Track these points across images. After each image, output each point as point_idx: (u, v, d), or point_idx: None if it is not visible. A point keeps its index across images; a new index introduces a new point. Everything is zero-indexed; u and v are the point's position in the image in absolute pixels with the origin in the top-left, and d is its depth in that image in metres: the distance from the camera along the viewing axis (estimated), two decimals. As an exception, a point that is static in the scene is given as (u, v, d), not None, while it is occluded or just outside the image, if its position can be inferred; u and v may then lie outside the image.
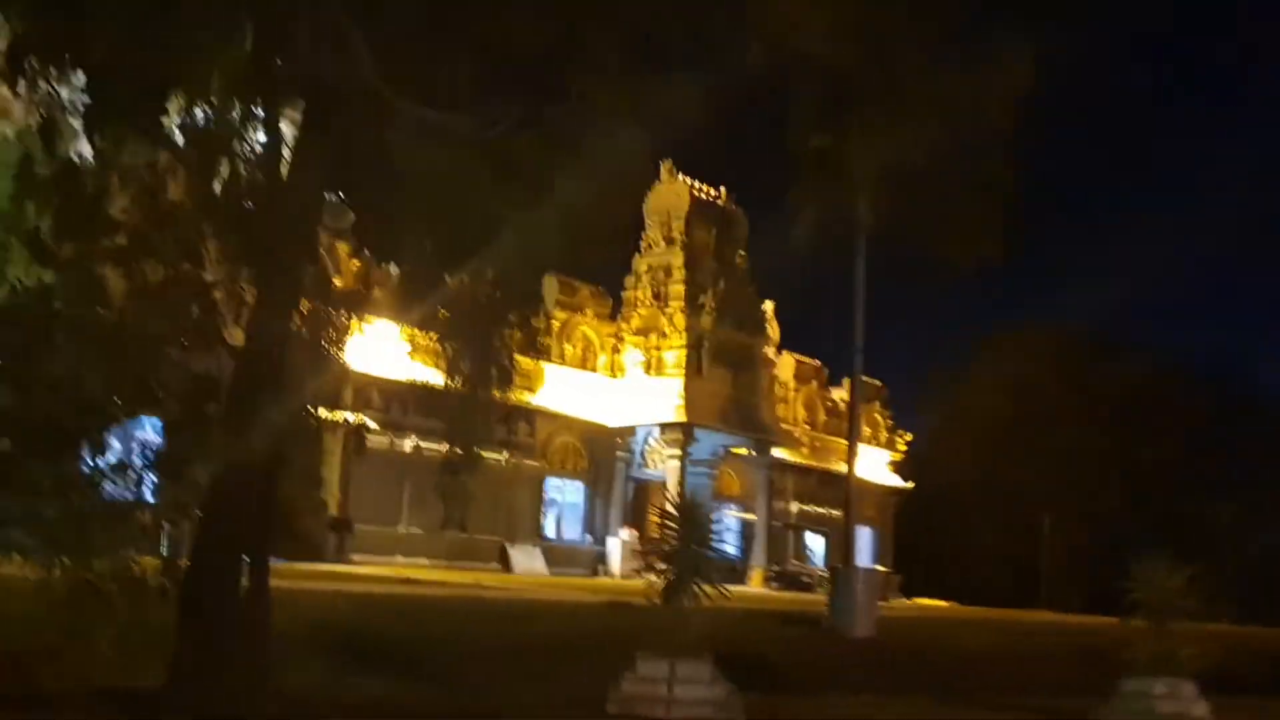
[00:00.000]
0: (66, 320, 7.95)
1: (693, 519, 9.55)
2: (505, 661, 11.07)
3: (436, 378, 29.69)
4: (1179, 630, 9.60)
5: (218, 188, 8.13)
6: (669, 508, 9.61)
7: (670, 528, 9.50)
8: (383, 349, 29.97)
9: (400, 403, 30.06)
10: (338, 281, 27.41)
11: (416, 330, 29.43)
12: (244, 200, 8.20)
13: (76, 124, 7.96)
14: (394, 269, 29.71)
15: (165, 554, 8.55)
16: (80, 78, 7.26)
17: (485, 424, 9.28)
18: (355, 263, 28.69)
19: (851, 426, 16.16)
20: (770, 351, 43.40)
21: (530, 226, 8.28)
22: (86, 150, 7.40)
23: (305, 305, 8.31)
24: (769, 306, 45.04)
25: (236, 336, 8.64)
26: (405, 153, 8.50)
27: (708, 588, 9.17)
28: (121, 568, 8.03)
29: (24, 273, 7.89)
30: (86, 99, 7.94)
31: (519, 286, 8.70)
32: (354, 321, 8.83)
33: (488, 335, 8.68)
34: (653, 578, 9.28)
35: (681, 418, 34.79)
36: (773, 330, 45.04)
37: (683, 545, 9.24)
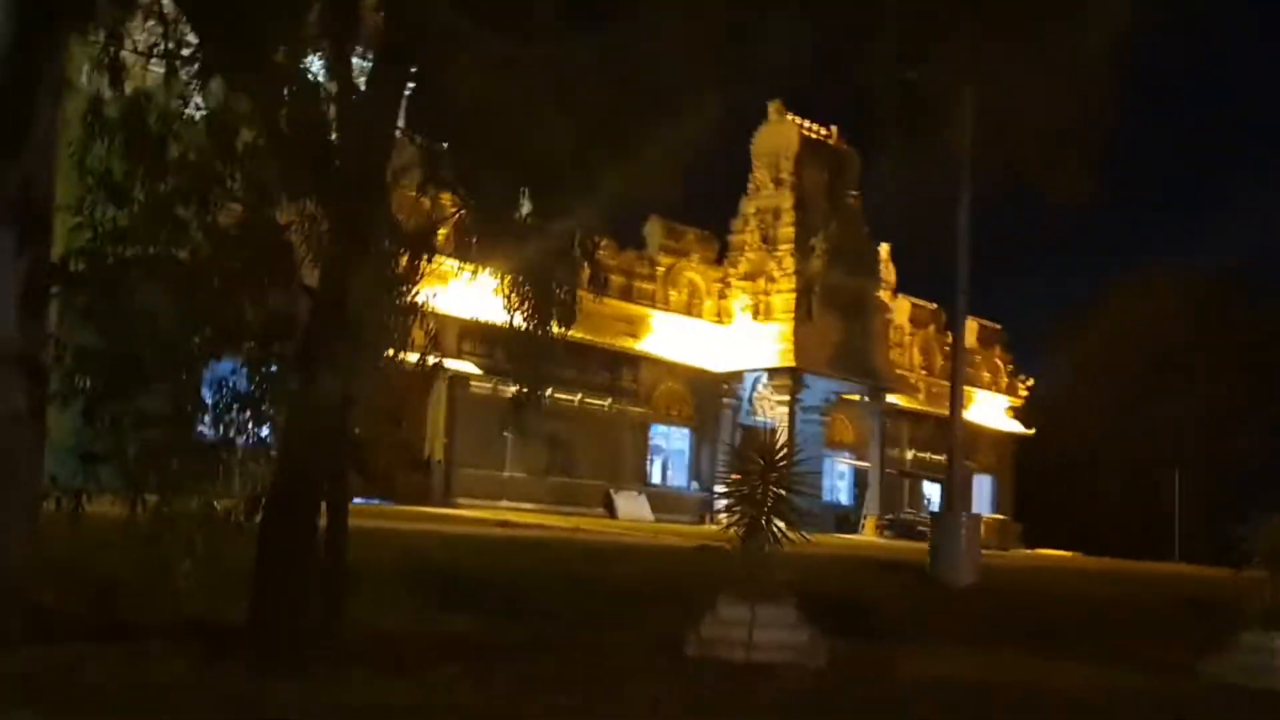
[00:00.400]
0: (144, 260, 8.06)
1: (771, 461, 9.34)
2: (591, 601, 11.07)
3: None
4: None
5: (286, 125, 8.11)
6: (744, 450, 9.40)
7: (749, 470, 9.31)
8: (485, 295, 30.27)
9: (504, 348, 30.26)
10: (442, 233, 27.73)
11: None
12: (316, 138, 8.18)
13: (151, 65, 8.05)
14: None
15: (248, 492, 8.68)
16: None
17: (547, 362, 9.08)
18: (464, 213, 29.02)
19: (954, 369, 15.68)
20: (886, 295, 42.64)
21: (601, 161, 8.10)
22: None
23: (378, 245, 8.26)
24: (885, 249, 44.23)
25: (313, 277, 8.66)
26: (478, 86, 8.38)
27: (788, 531, 8.97)
28: (203, 504, 8.20)
29: (101, 214, 8.02)
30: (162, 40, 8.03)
31: (584, 221, 8.49)
32: (424, 263, 8.70)
33: (549, 271, 8.51)
34: (724, 519, 9.12)
35: (790, 363, 34.41)
36: (888, 273, 44.23)
37: (761, 487, 9.04)
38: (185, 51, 8.17)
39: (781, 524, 8.93)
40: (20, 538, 7.85)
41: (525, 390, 9.18)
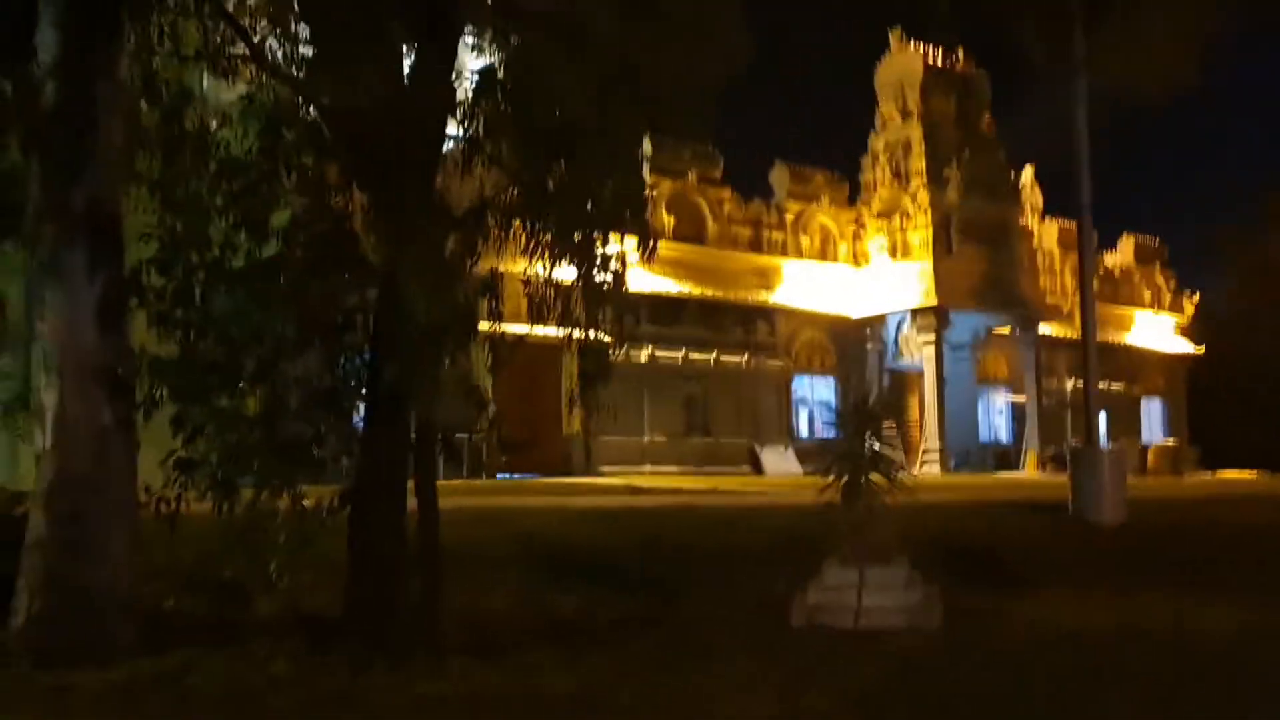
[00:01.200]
0: (211, 265, 8.14)
1: (861, 414, 8.91)
2: (705, 570, 10.85)
3: (669, 286, 29.60)
4: None
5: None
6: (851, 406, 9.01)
7: (843, 425, 8.92)
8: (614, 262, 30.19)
9: (634, 313, 30.16)
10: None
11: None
12: (363, 122, 8.07)
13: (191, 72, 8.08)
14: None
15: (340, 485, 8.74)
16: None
17: (595, 314, 8.83)
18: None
19: (1084, 288, 14.82)
20: (1032, 220, 41.03)
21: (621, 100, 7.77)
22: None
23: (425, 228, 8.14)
24: (1028, 172, 42.55)
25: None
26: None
27: (883, 483, 8.54)
28: (294, 500, 8.29)
29: (169, 222, 8.12)
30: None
31: (611, 163, 8.17)
32: (479, 241, 8.54)
33: (587, 218, 8.22)
34: (822, 479, 8.75)
35: (932, 301, 33.42)
36: (1034, 197, 42.55)
37: (853, 442, 8.64)
38: (232, 50, 8.19)
39: (879, 479, 8.52)
40: (121, 548, 8.00)
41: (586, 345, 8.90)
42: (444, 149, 8.27)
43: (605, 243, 8.11)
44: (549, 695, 6.91)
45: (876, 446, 8.64)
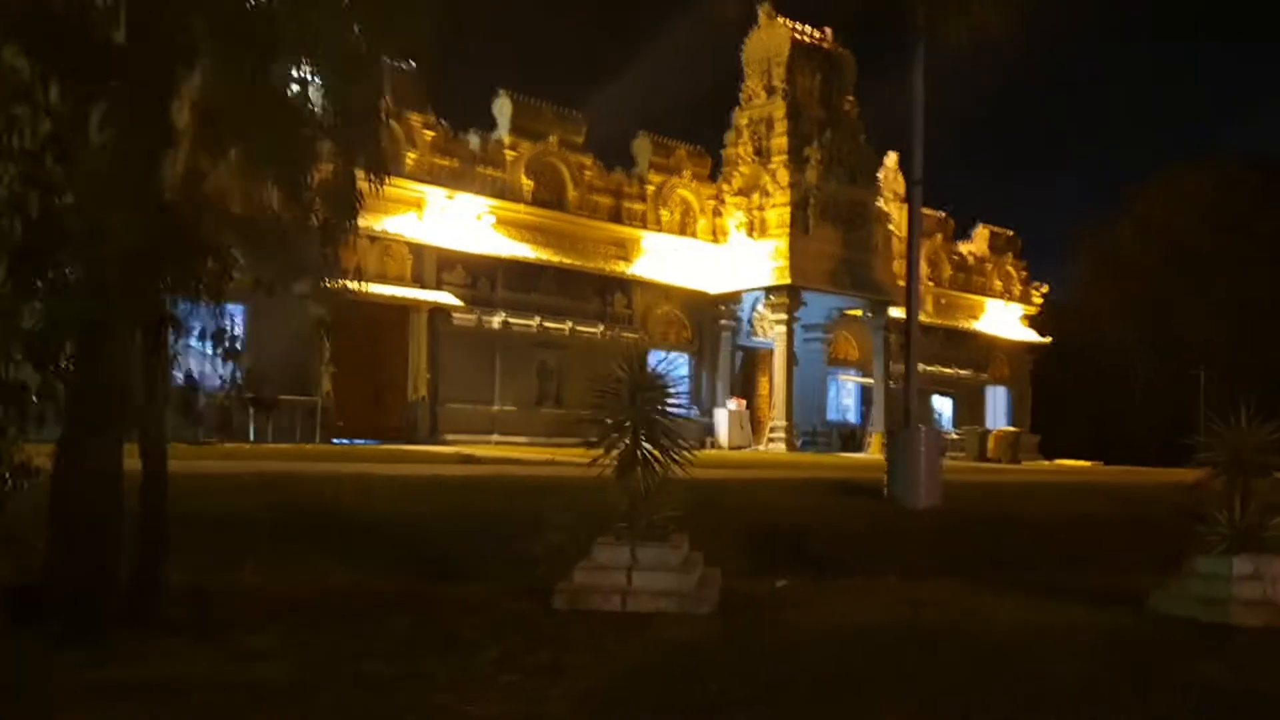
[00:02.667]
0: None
1: (642, 379, 8.14)
2: (488, 545, 10.01)
3: (525, 251, 28.47)
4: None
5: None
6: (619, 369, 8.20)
7: (615, 391, 8.12)
8: (466, 223, 29.06)
9: (488, 278, 29.14)
10: (411, 156, 26.22)
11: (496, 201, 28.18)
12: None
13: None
14: (471, 141, 28.23)
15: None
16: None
17: (304, 252, 7.83)
18: (429, 134, 27.61)
19: (910, 264, 14.33)
20: (893, 206, 41.03)
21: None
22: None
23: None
24: (891, 158, 42.52)
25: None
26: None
27: (663, 457, 7.80)
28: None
29: None
30: None
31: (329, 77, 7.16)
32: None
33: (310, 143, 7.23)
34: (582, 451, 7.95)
35: (786, 280, 33.00)
36: (896, 183, 42.51)
37: (631, 410, 7.87)
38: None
39: (656, 452, 7.77)
40: None
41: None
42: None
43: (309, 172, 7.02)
44: (254, 684, 5.95)
45: (659, 417, 7.87)
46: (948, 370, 41.44)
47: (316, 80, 6.83)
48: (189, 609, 7.44)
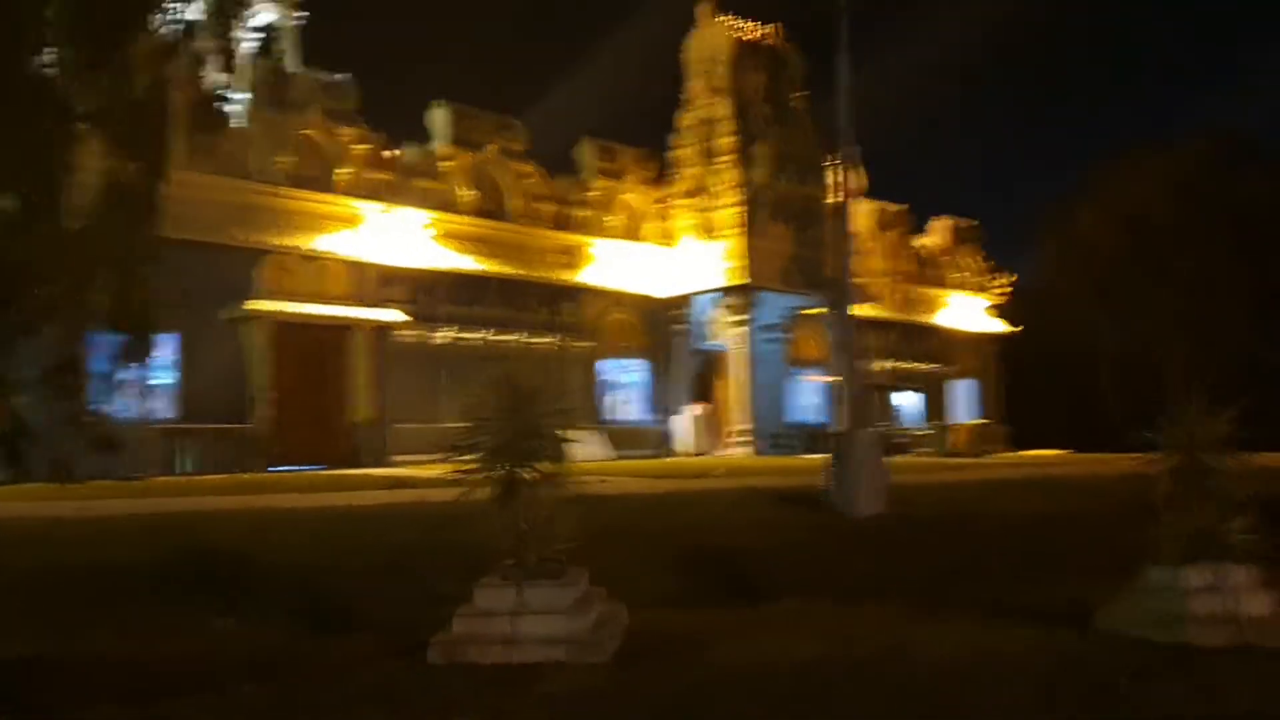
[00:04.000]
0: None
1: (518, 399, 7.26)
2: (391, 584, 9.12)
3: (469, 264, 27.50)
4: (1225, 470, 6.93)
5: None
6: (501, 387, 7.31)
7: (492, 412, 7.24)
8: (408, 238, 28.10)
9: (429, 293, 28.19)
10: (344, 171, 25.31)
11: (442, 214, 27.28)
12: None
13: None
14: (408, 153, 27.27)
15: None
16: None
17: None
18: (361, 148, 26.63)
19: (843, 247, 13.52)
20: (853, 201, 40.42)
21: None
22: None
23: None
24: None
25: None
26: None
27: (538, 479, 6.92)
28: None
29: None
30: None
31: None
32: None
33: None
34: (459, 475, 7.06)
35: (737, 281, 32.24)
36: (858, 178, 41.89)
37: (509, 432, 6.99)
38: None
39: (538, 477, 6.90)
40: None
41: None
42: None
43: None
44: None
45: (541, 439, 7.01)
46: (910, 365, 40.76)
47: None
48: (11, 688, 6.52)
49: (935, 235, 43.60)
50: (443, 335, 28.16)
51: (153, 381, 24.63)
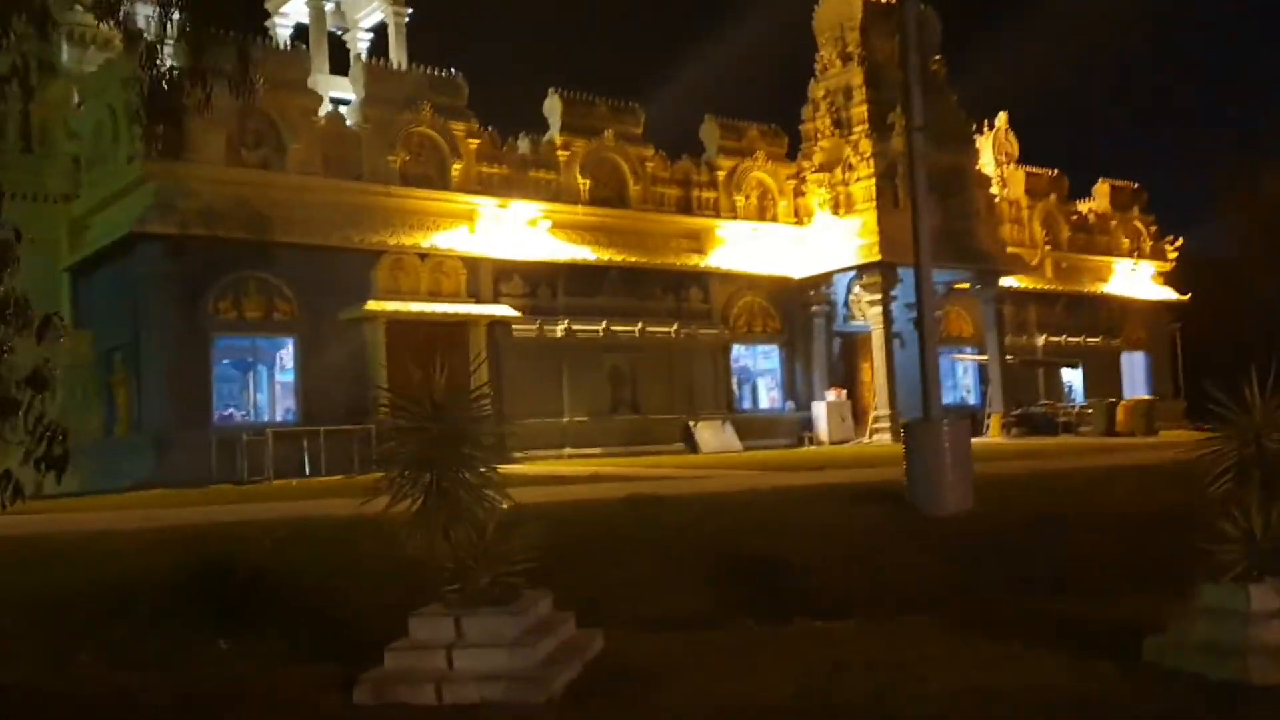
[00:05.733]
0: None
1: (451, 401, 6.46)
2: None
3: (587, 254, 26.94)
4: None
5: None
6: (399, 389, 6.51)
7: (410, 416, 6.45)
8: (523, 231, 27.75)
9: (547, 286, 27.76)
10: (457, 167, 25.02)
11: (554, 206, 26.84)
12: None
13: None
14: (521, 145, 26.83)
15: None
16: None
17: None
18: (474, 142, 26.32)
19: (916, 224, 12.29)
20: (1008, 168, 38.37)
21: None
22: None
23: None
24: (1002, 118, 39.87)
25: None
26: None
27: (473, 499, 6.12)
28: None
29: None
30: None
31: None
32: None
33: None
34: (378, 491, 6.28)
35: (874, 258, 30.73)
36: (1009, 144, 39.85)
37: (433, 439, 6.20)
38: None
39: (470, 494, 6.10)
40: None
41: None
42: None
43: None
44: None
45: (470, 448, 6.22)
46: (1074, 339, 38.35)
47: None
48: None
49: (1097, 200, 40.94)
50: (561, 328, 27.69)
51: (276, 383, 24.97)
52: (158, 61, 7.51)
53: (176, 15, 8.40)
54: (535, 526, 6.52)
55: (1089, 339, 38.74)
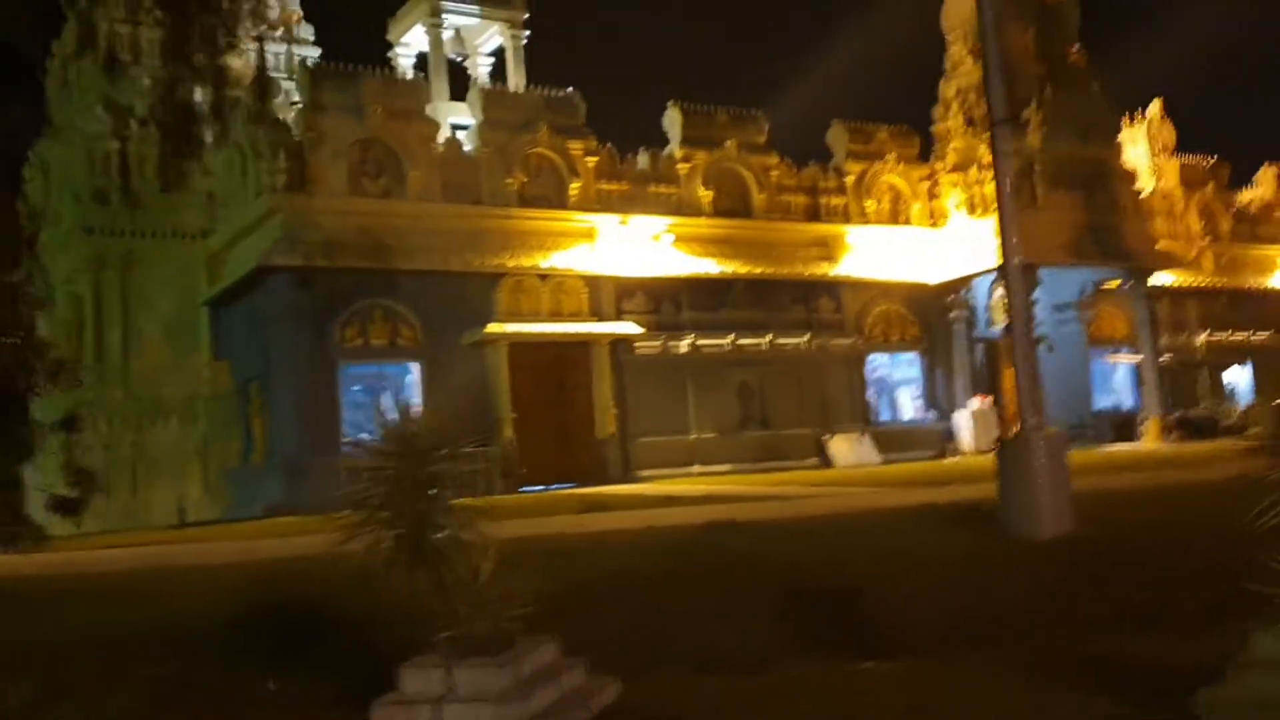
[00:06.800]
0: None
1: (417, 441, 6.02)
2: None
3: (711, 266, 26.44)
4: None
5: None
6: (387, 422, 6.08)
7: (384, 457, 6.04)
8: (645, 247, 27.45)
9: (670, 301, 27.38)
10: (575, 185, 24.94)
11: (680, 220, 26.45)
12: None
13: None
14: (640, 160, 26.64)
15: None
16: None
17: None
18: (591, 160, 26.20)
19: (1003, 219, 11.39)
20: (1161, 158, 36.38)
21: None
22: None
23: None
24: (1156, 106, 37.87)
25: None
26: None
27: (447, 540, 5.69)
28: None
29: None
30: None
31: None
32: None
33: None
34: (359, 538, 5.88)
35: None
36: (1164, 133, 37.80)
37: (401, 490, 5.79)
38: None
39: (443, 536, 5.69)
40: None
41: None
42: None
43: None
44: None
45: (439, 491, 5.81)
46: (1239, 336, 35.94)
47: None
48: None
49: (1261, 187, 38.36)
50: (686, 343, 27.25)
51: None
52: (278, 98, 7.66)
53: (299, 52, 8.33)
54: (535, 564, 6.10)
55: (1256, 336, 36.26)
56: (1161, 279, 33.25)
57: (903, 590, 8.84)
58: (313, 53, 28.42)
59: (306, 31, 29.65)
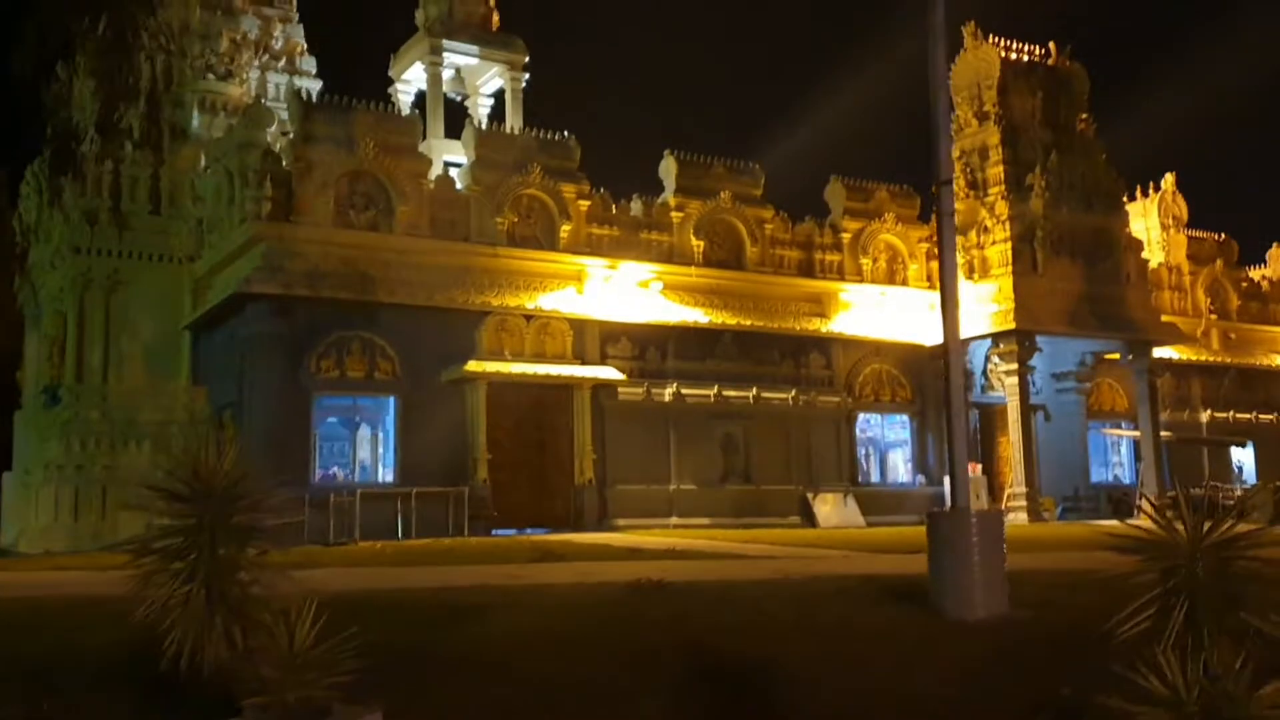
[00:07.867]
0: None
1: (227, 485, 5.47)
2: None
3: (699, 316, 25.95)
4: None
5: None
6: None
7: (181, 500, 5.48)
8: (633, 293, 26.98)
9: (657, 347, 26.85)
10: (566, 228, 24.52)
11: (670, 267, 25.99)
12: None
13: None
14: (633, 206, 26.28)
15: None
16: None
17: None
18: (584, 204, 25.80)
19: (944, 288, 10.84)
20: (1172, 231, 35.83)
21: None
22: None
23: None
24: (1169, 179, 37.40)
25: None
26: None
27: (255, 597, 5.11)
28: None
29: None
30: None
31: None
32: None
33: None
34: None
35: (1009, 325, 28.70)
36: (1176, 206, 37.29)
37: (201, 531, 5.24)
38: None
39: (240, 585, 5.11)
40: None
41: None
42: None
43: None
44: None
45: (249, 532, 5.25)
46: (1244, 415, 35.13)
47: None
48: None
49: (1271, 265, 37.71)
50: (670, 391, 26.67)
51: (370, 446, 24.70)
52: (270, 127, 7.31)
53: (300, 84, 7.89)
54: (352, 629, 5.51)
55: (1261, 416, 35.43)
56: (1165, 354, 32.53)
57: (817, 666, 8.19)
58: (314, 85, 28.21)
59: (309, 64, 29.47)
